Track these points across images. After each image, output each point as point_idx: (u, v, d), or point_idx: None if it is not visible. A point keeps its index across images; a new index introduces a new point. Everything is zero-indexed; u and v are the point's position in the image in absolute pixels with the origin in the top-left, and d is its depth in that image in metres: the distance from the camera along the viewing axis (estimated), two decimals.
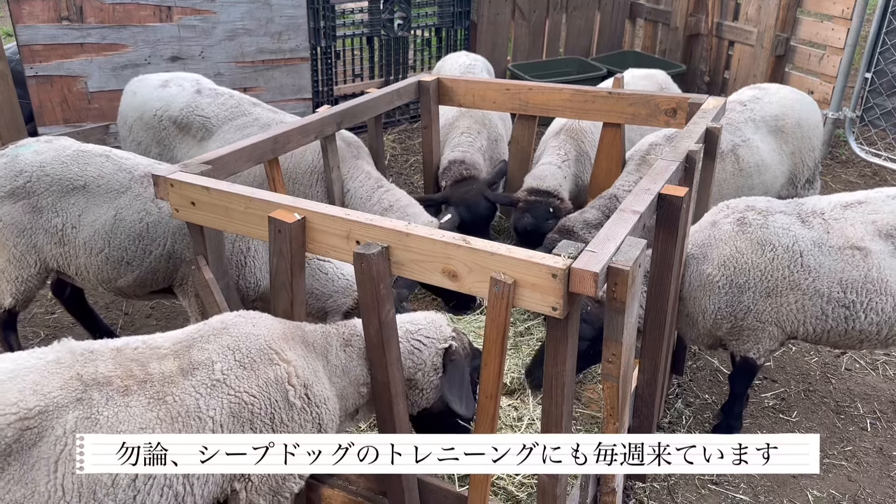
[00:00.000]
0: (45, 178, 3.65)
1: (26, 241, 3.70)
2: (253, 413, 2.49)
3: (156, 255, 3.72)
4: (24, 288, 3.81)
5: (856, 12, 7.19)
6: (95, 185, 3.69)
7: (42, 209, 3.65)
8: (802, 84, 7.91)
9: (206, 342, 2.56)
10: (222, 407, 2.44)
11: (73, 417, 2.21)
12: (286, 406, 2.56)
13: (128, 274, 3.74)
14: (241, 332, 2.61)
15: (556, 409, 2.61)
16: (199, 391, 2.43)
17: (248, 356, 2.55)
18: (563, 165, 5.10)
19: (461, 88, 4.97)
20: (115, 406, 2.29)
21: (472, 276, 2.51)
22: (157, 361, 2.46)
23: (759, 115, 5.00)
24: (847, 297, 3.42)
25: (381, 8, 8.00)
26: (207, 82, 5.06)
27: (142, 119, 4.86)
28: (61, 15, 6.10)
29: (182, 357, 2.50)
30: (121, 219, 3.67)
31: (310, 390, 2.62)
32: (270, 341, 2.62)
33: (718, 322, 3.58)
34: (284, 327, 2.74)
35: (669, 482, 3.70)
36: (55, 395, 2.22)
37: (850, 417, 4.19)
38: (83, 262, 3.73)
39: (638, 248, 2.52)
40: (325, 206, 2.87)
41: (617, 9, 9.71)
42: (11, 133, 6.35)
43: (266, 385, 2.53)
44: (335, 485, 3.21)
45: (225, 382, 2.47)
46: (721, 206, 3.75)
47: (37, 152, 3.73)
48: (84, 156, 3.75)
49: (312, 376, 2.67)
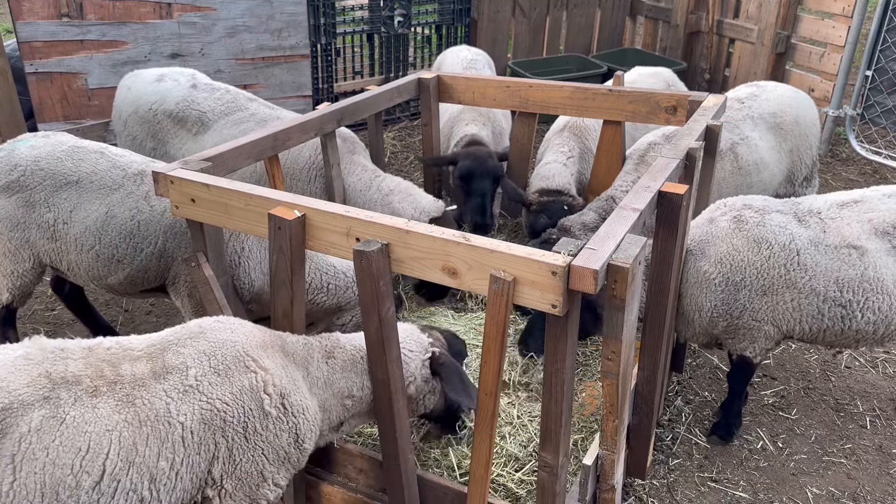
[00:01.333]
0: (39, 172, 3.65)
1: (20, 236, 3.70)
2: (225, 421, 2.44)
3: (147, 254, 3.71)
4: (19, 283, 3.81)
5: (856, 10, 7.19)
6: (88, 181, 3.68)
7: (35, 204, 3.65)
8: (803, 82, 7.90)
9: (181, 346, 2.52)
10: (193, 413, 2.40)
11: (38, 416, 2.18)
12: (261, 415, 2.51)
13: (118, 272, 3.73)
14: (219, 337, 2.57)
15: (555, 406, 2.61)
16: (170, 395, 2.39)
17: (223, 362, 2.50)
18: (568, 163, 5.09)
19: (461, 85, 4.97)
20: (83, 406, 2.25)
21: (471, 274, 2.51)
22: (129, 363, 2.42)
23: (757, 113, 5.00)
24: (843, 296, 3.42)
25: (381, 5, 7.99)
26: (203, 77, 5.05)
27: (137, 113, 4.85)
28: (61, 11, 6.10)
29: (155, 360, 2.46)
30: (112, 216, 3.66)
31: (286, 399, 2.58)
32: (248, 348, 2.58)
33: (714, 320, 3.58)
34: (264, 335, 2.70)
35: (669, 479, 3.70)
36: (21, 393, 2.19)
37: (850, 415, 4.19)
38: (74, 259, 3.72)
39: (638, 245, 2.52)
40: (325, 203, 2.87)
41: (617, 6, 9.71)
42: (11, 130, 6.35)
43: (240, 393, 2.49)
44: (335, 482, 3.21)
45: (198, 388, 2.43)
46: (718, 204, 3.74)
47: (32, 147, 3.73)
48: (79, 152, 3.75)
49: (291, 385, 2.62)
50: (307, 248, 2.92)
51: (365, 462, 3.17)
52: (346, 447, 3.19)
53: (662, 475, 3.73)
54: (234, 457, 2.48)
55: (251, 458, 2.51)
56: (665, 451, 3.89)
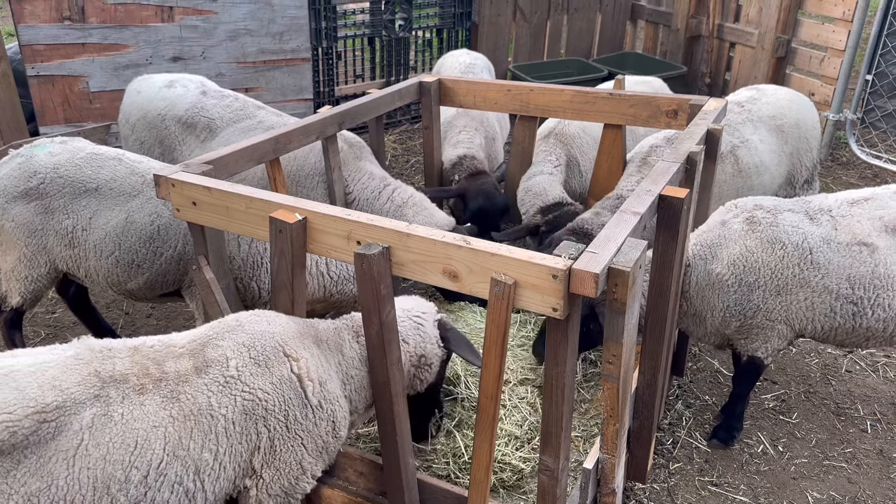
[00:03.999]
0: (59, 179, 3.67)
1: (37, 242, 3.71)
2: (266, 410, 2.51)
3: (166, 258, 3.73)
4: (32, 287, 3.83)
5: (857, 14, 7.19)
6: (108, 188, 3.70)
7: (54, 210, 3.67)
8: (803, 86, 7.91)
9: (220, 339, 2.59)
10: (234, 404, 2.47)
11: (89, 414, 2.26)
12: (300, 404, 2.59)
13: (138, 277, 3.75)
14: (257, 329, 2.64)
15: (556, 409, 2.61)
16: (211, 389, 2.46)
17: (262, 353, 2.58)
18: (555, 171, 5.05)
19: (462, 89, 4.97)
20: (131, 404, 2.33)
21: (472, 277, 2.51)
22: (172, 360, 2.50)
23: (757, 115, 4.99)
24: (855, 293, 3.44)
25: (382, 9, 8.01)
26: (212, 84, 5.07)
27: (145, 118, 4.87)
28: (63, 15, 6.11)
29: (197, 355, 2.53)
30: (132, 222, 3.68)
31: (324, 387, 2.66)
32: (286, 339, 2.65)
33: (727, 320, 3.59)
34: (298, 326, 2.77)
35: (669, 483, 3.70)
36: (73, 391, 2.27)
37: (851, 419, 4.19)
38: (93, 265, 3.75)
39: (638, 249, 2.52)
40: (326, 206, 2.88)
41: (618, 10, 9.72)
42: (13, 132, 6.37)
43: (280, 382, 2.56)
44: (335, 485, 3.21)
45: (239, 379, 2.50)
46: (729, 206, 3.75)
47: (51, 154, 3.74)
48: (97, 158, 3.76)
49: (326, 374, 2.70)
50: (308, 251, 2.92)
51: (365, 465, 3.17)
52: (347, 450, 3.18)
53: (663, 479, 3.73)
54: (274, 447, 2.55)
55: (291, 447, 2.59)
56: (665, 454, 3.89)
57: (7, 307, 3.91)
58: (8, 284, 3.85)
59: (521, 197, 5.00)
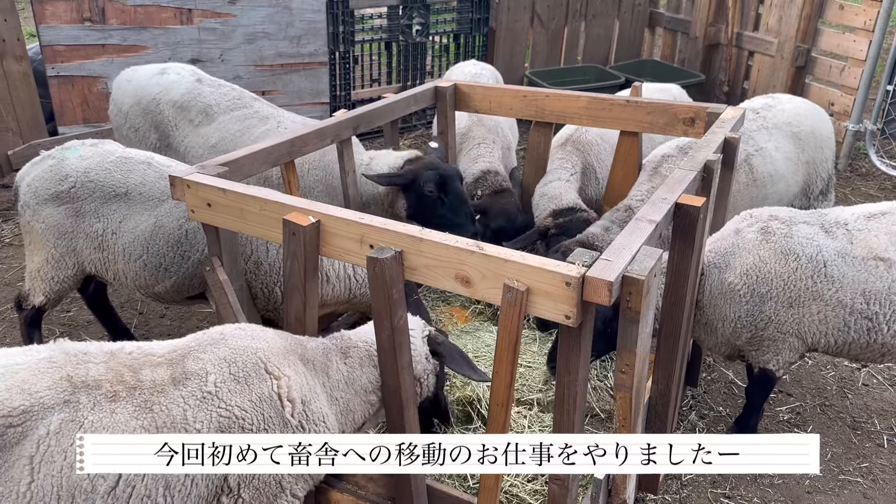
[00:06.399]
0: (90, 184, 3.69)
1: (66, 244, 3.75)
2: (243, 429, 2.43)
3: (194, 261, 3.74)
4: (57, 288, 3.86)
5: (878, 24, 7.13)
6: (137, 192, 3.72)
7: (84, 214, 3.70)
8: (823, 96, 7.84)
9: (202, 352, 2.52)
10: (210, 420, 2.39)
11: (57, 419, 2.19)
12: (280, 423, 2.50)
13: (165, 280, 3.77)
14: (239, 344, 2.57)
15: (567, 418, 2.59)
16: (187, 402, 2.38)
17: (243, 369, 2.50)
18: (571, 178, 5.04)
19: (478, 94, 4.97)
20: (101, 412, 2.26)
21: (485, 283, 2.50)
22: (150, 368, 2.42)
23: (773, 123, 4.94)
24: (870, 308, 3.39)
25: (400, 14, 8.03)
26: (205, 74, 5.07)
27: (139, 104, 4.84)
28: (83, 16, 6.18)
29: (176, 366, 2.46)
30: (160, 226, 3.70)
31: (307, 408, 2.58)
32: (269, 355, 2.57)
33: (738, 331, 3.55)
34: (284, 342, 2.69)
35: (681, 495, 3.66)
36: (42, 395, 2.20)
37: (867, 433, 4.13)
38: (121, 268, 3.77)
39: (653, 257, 2.50)
40: (340, 209, 2.88)
41: (636, 17, 9.69)
42: (33, 132, 6.44)
43: (259, 400, 2.48)
44: (344, 489, 3.20)
45: (217, 395, 2.42)
46: (744, 215, 3.72)
47: (81, 157, 3.76)
48: (127, 163, 3.78)
49: (311, 393, 2.62)
50: (321, 255, 2.92)
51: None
52: None
53: (675, 490, 3.69)
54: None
55: None
56: None
57: (29, 305, 3.94)
58: (32, 283, 3.88)
59: (537, 201, 5.02)
